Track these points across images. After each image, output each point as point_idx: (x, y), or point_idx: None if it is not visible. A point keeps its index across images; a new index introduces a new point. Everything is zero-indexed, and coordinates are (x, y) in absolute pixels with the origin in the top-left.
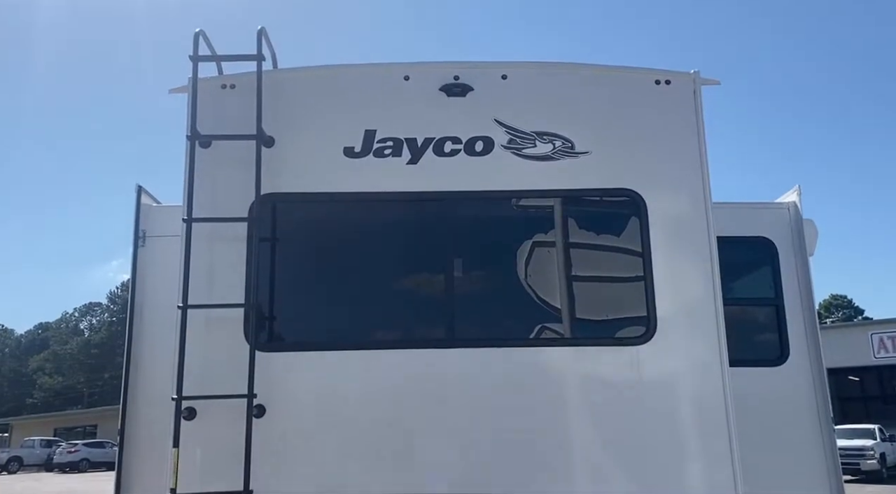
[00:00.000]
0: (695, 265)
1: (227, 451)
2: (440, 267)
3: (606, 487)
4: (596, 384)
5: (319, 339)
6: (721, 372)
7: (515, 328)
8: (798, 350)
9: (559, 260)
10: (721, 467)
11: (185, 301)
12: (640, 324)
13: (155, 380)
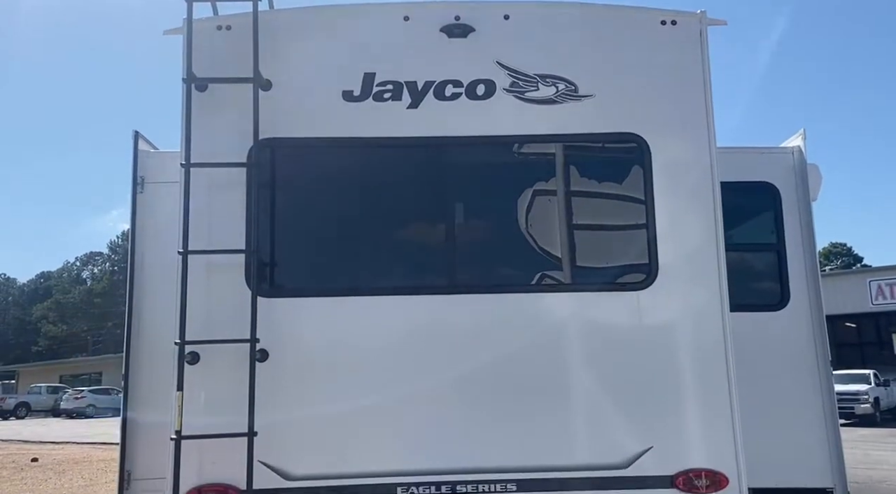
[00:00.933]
0: (698, 211)
1: (231, 395)
2: (441, 213)
3: (606, 431)
4: (597, 329)
5: (320, 285)
6: (722, 318)
7: (517, 274)
8: (798, 295)
9: (561, 206)
10: (719, 412)
11: (185, 246)
12: (641, 270)
13: (157, 326)
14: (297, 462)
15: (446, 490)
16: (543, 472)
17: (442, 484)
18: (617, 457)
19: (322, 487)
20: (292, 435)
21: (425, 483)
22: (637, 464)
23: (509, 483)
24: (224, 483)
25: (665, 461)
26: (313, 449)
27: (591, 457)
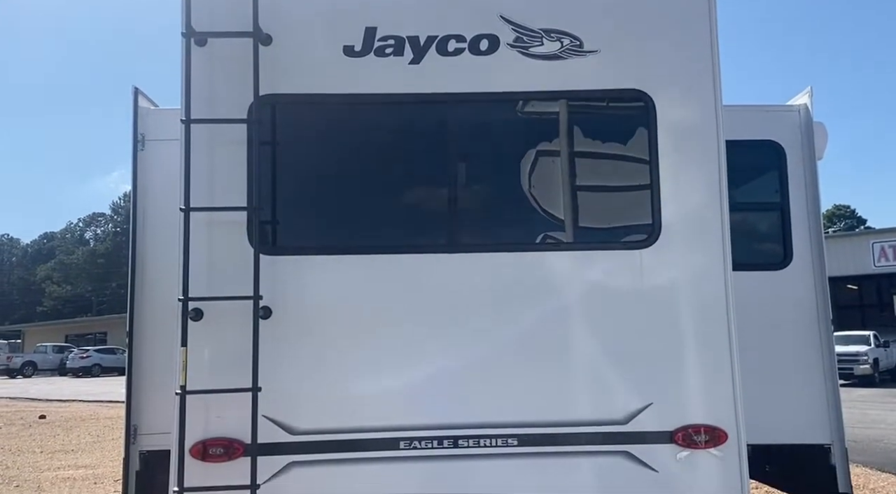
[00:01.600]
0: (702, 169)
1: (235, 351)
2: (443, 171)
3: (606, 387)
4: (599, 287)
5: (322, 243)
6: (724, 277)
7: (519, 233)
8: (801, 254)
9: (564, 164)
10: (719, 369)
11: (186, 203)
12: (644, 229)
13: (160, 283)
14: (301, 416)
15: (448, 444)
16: (543, 427)
17: (444, 439)
18: (616, 413)
19: (326, 441)
20: (296, 391)
21: (427, 437)
22: (636, 420)
23: (510, 438)
24: (229, 438)
25: (664, 417)
26: (316, 404)
27: (590, 413)
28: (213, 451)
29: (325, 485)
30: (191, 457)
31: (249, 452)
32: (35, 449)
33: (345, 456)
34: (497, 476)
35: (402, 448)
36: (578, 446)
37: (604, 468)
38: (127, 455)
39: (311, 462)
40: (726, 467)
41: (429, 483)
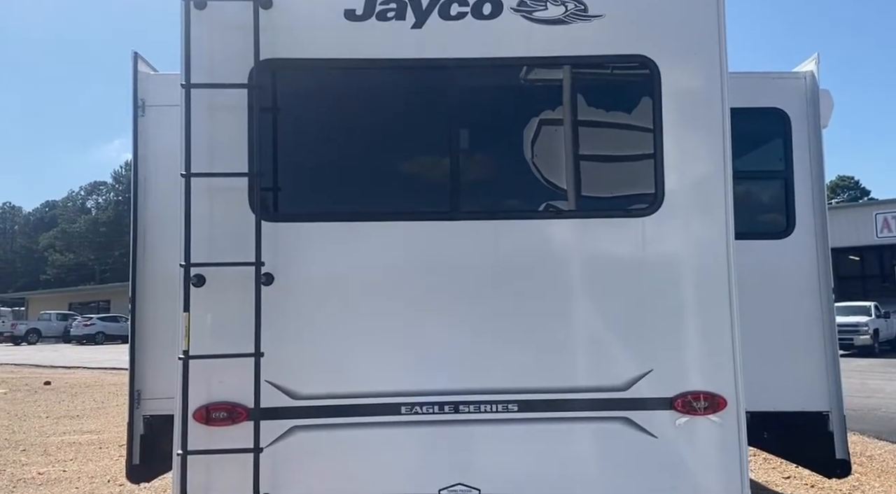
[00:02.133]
0: (706, 138)
1: (238, 317)
2: (445, 137)
3: (607, 355)
4: (601, 255)
5: (323, 210)
6: (726, 246)
7: (521, 200)
8: (804, 223)
9: (568, 130)
10: (720, 337)
11: (187, 169)
12: (647, 197)
13: (162, 249)
14: (304, 381)
15: (449, 410)
16: (544, 393)
17: (445, 404)
18: (617, 380)
19: (328, 406)
20: (298, 356)
21: (428, 402)
22: (636, 387)
23: (510, 404)
24: (232, 402)
25: (664, 384)
26: (319, 370)
27: (591, 380)
28: (216, 415)
29: (327, 449)
30: (194, 421)
31: (252, 416)
32: (40, 415)
33: (347, 421)
34: (497, 441)
35: (404, 414)
36: (578, 412)
37: (603, 434)
38: (131, 419)
39: (313, 426)
40: (725, 433)
41: (430, 447)
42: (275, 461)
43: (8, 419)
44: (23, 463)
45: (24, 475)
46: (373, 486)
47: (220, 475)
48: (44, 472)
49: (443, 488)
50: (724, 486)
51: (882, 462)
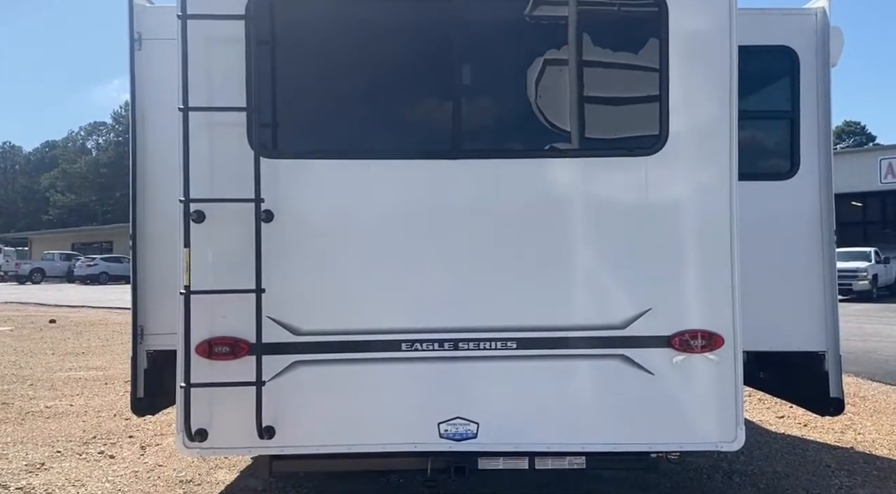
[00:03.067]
0: (713, 78)
1: (238, 254)
2: (448, 73)
3: (606, 293)
4: (602, 194)
5: (324, 147)
6: (729, 187)
7: (523, 139)
8: (808, 165)
9: (572, 68)
10: (719, 277)
11: (185, 103)
12: (650, 137)
13: (164, 185)
14: (305, 318)
15: (448, 347)
16: (542, 331)
17: (445, 341)
18: (615, 318)
19: (329, 342)
20: (300, 293)
21: (428, 339)
22: (635, 325)
23: (509, 341)
24: (234, 337)
25: (662, 322)
26: (320, 307)
27: (589, 318)
28: (218, 350)
29: (328, 384)
30: (197, 355)
31: (254, 351)
32: (47, 351)
33: (347, 357)
34: (496, 377)
35: (404, 350)
36: (576, 350)
37: (600, 371)
38: (135, 354)
39: (314, 361)
40: (721, 371)
41: (429, 383)
42: (277, 395)
43: (15, 355)
44: (30, 397)
45: (32, 408)
46: (373, 419)
47: (223, 408)
48: (51, 406)
49: (442, 421)
50: (719, 422)
51: (875, 402)
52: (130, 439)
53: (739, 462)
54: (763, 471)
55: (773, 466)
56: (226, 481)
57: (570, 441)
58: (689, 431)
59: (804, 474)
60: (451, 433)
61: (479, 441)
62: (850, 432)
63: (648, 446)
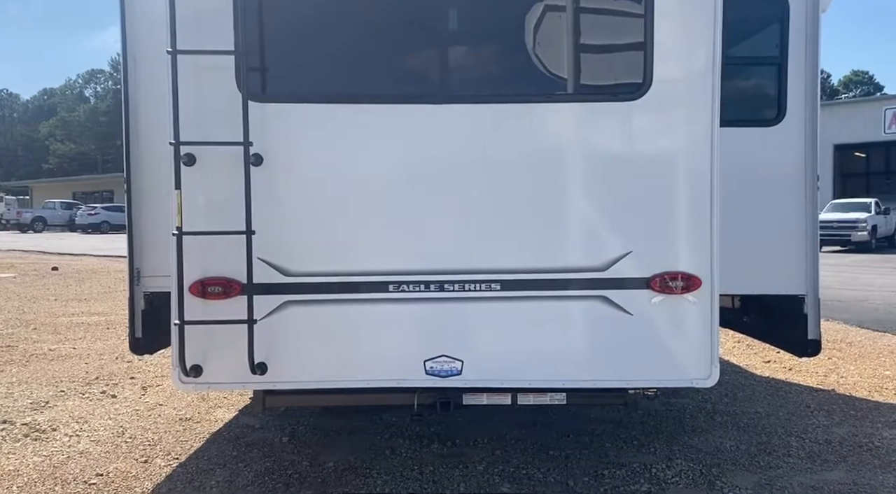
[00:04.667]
0: (697, 26)
1: (229, 196)
2: (434, 12)
3: (588, 237)
4: (586, 139)
5: (312, 91)
6: (710, 134)
7: (509, 84)
8: (794, 112)
9: (558, 13)
10: (699, 221)
11: (173, 46)
12: (635, 83)
13: (157, 129)
14: (295, 259)
15: (434, 288)
16: (525, 274)
17: (431, 283)
18: (596, 261)
19: (318, 283)
20: (289, 236)
21: (415, 281)
22: (615, 267)
23: (493, 283)
24: (226, 277)
25: (642, 264)
26: (310, 249)
27: (571, 260)
28: (211, 290)
29: (317, 323)
30: (190, 295)
31: (246, 291)
32: (49, 298)
33: (336, 297)
34: (480, 317)
35: (391, 291)
36: (557, 291)
37: (581, 311)
38: (132, 295)
39: (304, 301)
40: (698, 312)
41: (415, 322)
42: (269, 333)
43: (18, 301)
44: (34, 341)
45: (37, 350)
46: (361, 357)
47: (216, 345)
48: (55, 349)
49: (427, 359)
50: (695, 360)
51: (860, 347)
52: (132, 380)
53: (723, 403)
54: (745, 411)
55: (755, 407)
56: (224, 419)
57: (551, 378)
58: (665, 369)
59: (784, 414)
60: (437, 370)
61: (464, 378)
62: (834, 375)
63: (626, 383)
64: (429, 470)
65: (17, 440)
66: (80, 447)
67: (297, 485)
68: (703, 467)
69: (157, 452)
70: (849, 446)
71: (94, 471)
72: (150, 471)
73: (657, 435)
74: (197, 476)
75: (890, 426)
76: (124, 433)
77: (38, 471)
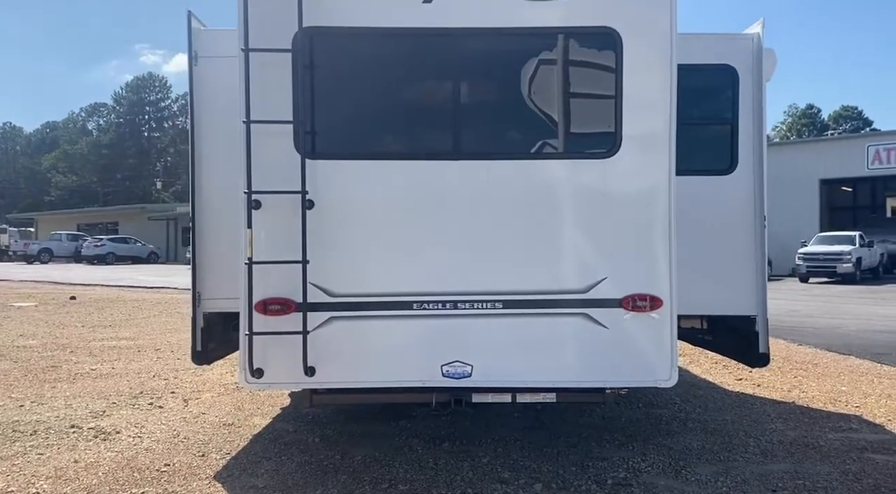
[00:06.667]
0: (657, 93)
1: (287, 234)
2: (449, 91)
3: (573, 266)
4: (572, 188)
5: (354, 150)
6: (668, 181)
7: (508, 145)
8: (745, 162)
9: (548, 87)
10: (661, 252)
11: (248, 117)
12: (609, 143)
13: (217, 178)
14: (338, 283)
15: (449, 306)
16: (522, 295)
17: (447, 302)
18: (579, 284)
19: (357, 302)
20: (334, 264)
21: (434, 301)
22: (595, 290)
23: (497, 302)
24: (284, 298)
25: (616, 287)
26: (350, 275)
27: (559, 284)
28: (272, 308)
29: (356, 334)
30: (256, 312)
31: (301, 309)
32: (76, 324)
33: (371, 314)
34: (487, 330)
35: (415, 309)
36: (549, 309)
37: (567, 325)
38: (194, 315)
39: (345, 317)
40: (661, 326)
41: (434, 334)
42: (317, 342)
43: (47, 326)
44: (74, 362)
45: (79, 370)
46: (390, 362)
47: (276, 352)
48: (95, 368)
49: (444, 363)
50: (658, 365)
51: (825, 367)
52: (173, 394)
53: (695, 412)
54: (714, 419)
55: (723, 415)
56: (261, 425)
57: (543, 380)
58: (635, 372)
59: (747, 421)
60: (451, 373)
61: (473, 380)
62: (796, 391)
63: (604, 383)
64: (442, 462)
65: (88, 440)
66: (143, 445)
67: (332, 473)
68: (672, 460)
69: (211, 449)
70: (797, 445)
71: (161, 462)
72: (208, 462)
73: (636, 437)
74: (248, 466)
75: (835, 430)
76: (179, 435)
77: (115, 463)
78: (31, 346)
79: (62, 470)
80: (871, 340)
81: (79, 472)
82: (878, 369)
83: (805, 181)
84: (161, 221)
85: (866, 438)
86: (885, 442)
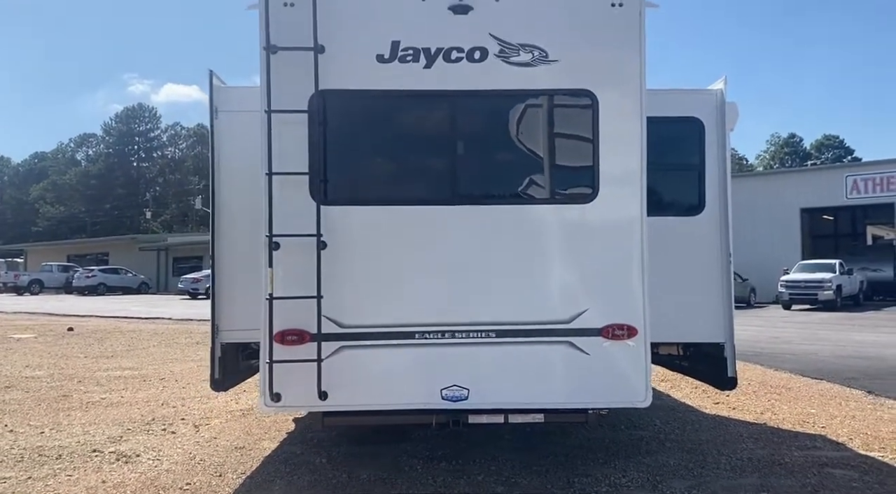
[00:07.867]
0: (628, 145)
1: (303, 272)
2: (447, 146)
3: (558, 298)
4: (556, 229)
5: (362, 197)
6: (641, 223)
7: (499, 191)
8: (711, 203)
9: (535, 139)
10: (635, 286)
11: (269, 169)
12: (588, 189)
13: (236, 221)
14: (348, 315)
15: (448, 335)
16: (513, 325)
17: (445, 332)
18: (564, 315)
19: (364, 332)
20: (344, 299)
21: (433, 330)
22: (577, 320)
23: (490, 332)
24: (300, 329)
25: (596, 318)
26: (358, 308)
27: (546, 315)
28: (289, 338)
29: (364, 362)
30: (275, 342)
31: (315, 339)
32: (78, 355)
33: (377, 343)
34: (481, 357)
35: (416, 338)
36: (537, 338)
37: (553, 352)
38: (213, 345)
39: (354, 346)
40: (636, 352)
41: (434, 361)
42: (329, 369)
43: (51, 357)
44: (84, 391)
45: (90, 399)
46: (394, 386)
47: (293, 378)
48: (105, 397)
49: (443, 387)
50: (634, 387)
51: (797, 391)
52: (183, 421)
53: (674, 433)
54: (690, 439)
55: (699, 436)
56: (270, 448)
57: (532, 402)
58: (614, 394)
59: (721, 441)
60: (450, 396)
61: (470, 402)
62: (769, 413)
63: (586, 404)
64: (440, 480)
65: (111, 462)
66: (163, 467)
67: (341, 489)
68: (650, 476)
69: (226, 469)
70: (765, 462)
71: (183, 482)
72: (225, 481)
73: (617, 456)
74: (263, 484)
75: (801, 448)
76: (195, 457)
77: (139, 483)
78: (39, 377)
79: (93, 489)
80: (843, 365)
81: (108, 490)
82: (846, 392)
83: (787, 210)
84: (152, 251)
85: (827, 455)
86: (844, 459)
